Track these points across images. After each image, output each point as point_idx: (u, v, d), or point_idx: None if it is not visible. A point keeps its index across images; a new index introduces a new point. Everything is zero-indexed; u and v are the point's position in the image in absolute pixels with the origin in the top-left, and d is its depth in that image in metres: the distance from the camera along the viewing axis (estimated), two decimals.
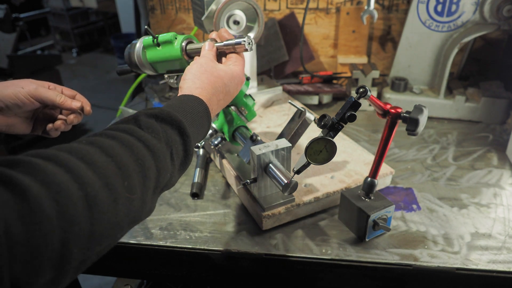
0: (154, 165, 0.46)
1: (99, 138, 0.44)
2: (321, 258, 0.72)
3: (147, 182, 0.45)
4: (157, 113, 0.51)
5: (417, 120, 0.66)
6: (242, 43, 0.67)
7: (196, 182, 0.90)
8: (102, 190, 0.38)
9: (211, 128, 0.89)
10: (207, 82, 0.62)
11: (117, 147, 0.43)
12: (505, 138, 1.08)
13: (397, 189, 0.90)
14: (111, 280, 1.72)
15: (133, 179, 0.43)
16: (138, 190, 0.43)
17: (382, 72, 1.40)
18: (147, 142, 0.46)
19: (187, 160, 0.54)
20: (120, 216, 0.41)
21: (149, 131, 0.48)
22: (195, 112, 0.56)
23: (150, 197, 0.46)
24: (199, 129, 0.57)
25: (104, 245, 0.40)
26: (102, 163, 0.40)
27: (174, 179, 0.52)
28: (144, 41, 0.77)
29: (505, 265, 0.69)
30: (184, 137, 0.52)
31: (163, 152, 0.48)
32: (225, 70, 0.65)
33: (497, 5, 1.07)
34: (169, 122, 0.51)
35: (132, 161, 0.43)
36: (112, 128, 0.47)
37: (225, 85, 0.64)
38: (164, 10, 1.43)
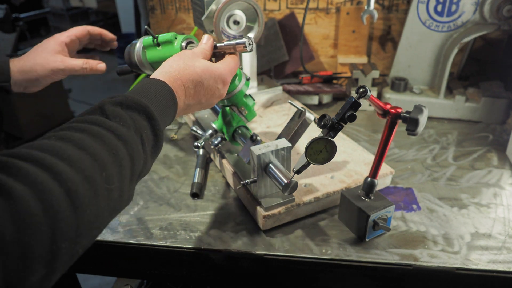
0: (127, 154, 0.46)
1: (68, 132, 0.43)
2: (321, 258, 0.72)
3: (123, 171, 0.45)
4: (122, 100, 0.50)
5: (417, 120, 0.66)
6: (242, 43, 0.67)
7: (196, 182, 0.90)
8: (82, 184, 0.39)
9: (211, 128, 0.89)
10: (175, 67, 0.61)
11: (88, 139, 0.43)
12: (505, 138, 1.08)
13: (397, 189, 0.90)
14: (111, 280, 1.72)
15: (110, 169, 0.43)
16: (115, 180, 0.44)
17: (382, 72, 1.40)
18: (116, 131, 0.46)
19: (158, 144, 0.53)
20: (101, 208, 0.41)
21: (117, 120, 0.48)
22: (160, 95, 0.56)
23: (128, 186, 0.47)
24: (165, 111, 0.56)
25: (90, 238, 0.41)
26: (77, 157, 0.40)
27: (148, 165, 0.52)
28: (144, 41, 0.77)
29: (505, 265, 0.69)
30: (152, 122, 0.52)
31: (134, 140, 0.48)
32: (205, 64, 0.64)
33: (497, 5, 1.07)
34: (135, 108, 0.51)
35: (106, 152, 0.43)
36: (79, 121, 0.47)
37: (200, 78, 0.62)
38: (164, 10, 1.43)
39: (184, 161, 1.02)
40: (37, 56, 0.78)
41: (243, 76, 0.80)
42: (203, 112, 1.13)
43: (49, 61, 0.78)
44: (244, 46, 0.67)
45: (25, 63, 0.78)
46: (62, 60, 0.79)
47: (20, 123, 2.77)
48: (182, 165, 1.00)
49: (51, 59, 0.78)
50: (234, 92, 0.79)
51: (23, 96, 2.74)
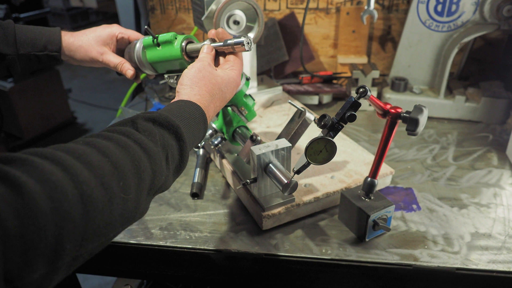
0: (149, 167, 0.47)
1: (96, 139, 0.44)
2: (321, 258, 0.72)
3: (142, 184, 0.45)
4: (155, 117, 0.51)
5: (417, 120, 0.66)
6: (241, 43, 0.67)
7: (196, 182, 0.90)
8: (98, 189, 0.39)
9: (211, 128, 0.89)
10: (204, 89, 0.62)
11: (114, 148, 0.44)
12: (505, 138, 1.08)
13: (397, 189, 0.90)
14: (111, 280, 1.72)
15: (129, 180, 0.43)
16: (132, 191, 0.44)
17: (382, 72, 1.40)
18: (143, 144, 0.47)
19: (182, 164, 0.54)
20: (114, 216, 0.41)
21: (146, 134, 0.49)
22: (192, 118, 0.57)
23: (144, 199, 0.47)
24: (195, 134, 0.58)
25: (97, 244, 0.41)
26: (98, 162, 0.41)
27: (168, 182, 0.52)
28: (144, 41, 0.77)
29: (505, 265, 0.69)
30: (181, 142, 0.53)
31: (159, 156, 0.49)
32: (222, 76, 0.66)
33: (497, 5, 1.07)
34: (166, 127, 0.52)
35: (128, 162, 0.44)
36: (109, 130, 0.48)
37: (222, 91, 0.65)
38: (164, 10, 1.43)
39: None
40: (86, 39, 0.82)
41: (243, 76, 0.80)
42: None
43: (93, 50, 0.81)
44: (242, 45, 0.67)
45: (74, 41, 0.81)
46: (103, 53, 0.82)
47: (20, 123, 2.78)
48: None
49: (96, 48, 0.81)
50: None
51: (23, 96, 2.75)
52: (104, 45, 0.83)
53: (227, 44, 0.68)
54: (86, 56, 0.82)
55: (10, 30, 0.77)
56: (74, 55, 0.82)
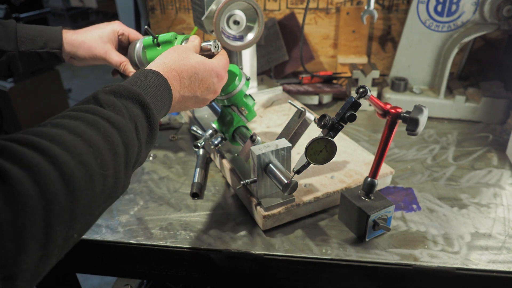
0: (121, 141, 0.46)
1: (63, 120, 0.44)
2: (321, 258, 0.72)
3: (118, 158, 0.45)
4: (115, 89, 0.51)
5: (417, 120, 0.66)
6: (208, 46, 0.71)
7: (196, 182, 0.90)
8: (77, 168, 0.39)
9: (211, 128, 0.89)
10: (170, 59, 0.62)
11: (83, 126, 0.43)
12: (505, 138, 1.08)
13: (397, 189, 0.90)
14: (111, 280, 1.72)
15: (105, 156, 0.43)
16: (110, 166, 0.44)
17: (382, 72, 1.40)
18: (111, 119, 0.46)
19: (153, 133, 0.53)
20: (96, 193, 0.42)
21: (111, 108, 0.48)
22: (154, 84, 0.56)
23: (123, 173, 0.47)
24: (159, 101, 0.56)
25: (84, 223, 0.41)
26: (73, 142, 0.41)
27: (143, 153, 0.52)
28: (144, 41, 0.78)
29: (505, 265, 0.69)
30: (146, 110, 0.52)
31: (128, 128, 0.48)
32: (199, 57, 0.65)
33: (497, 5, 1.07)
34: (128, 97, 0.51)
35: (100, 138, 0.44)
36: (73, 109, 0.47)
37: (195, 69, 0.63)
38: (164, 10, 1.43)
39: (184, 161, 1.02)
40: (89, 35, 0.82)
41: (243, 76, 0.80)
42: (203, 112, 1.13)
43: (96, 47, 0.81)
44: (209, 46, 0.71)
45: (76, 38, 0.81)
46: (107, 51, 0.82)
47: (20, 123, 2.77)
48: (182, 165, 1.00)
49: (99, 45, 0.81)
50: (234, 92, 0.79)
51: (23, 96, 2.75)
52: (107, 42, 0.83)
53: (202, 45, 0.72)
54: (89, 53, 0.82)
55: (11, 27, 0.78)
56: (77, 52, 0.82)
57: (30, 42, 0.79)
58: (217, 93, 0.70)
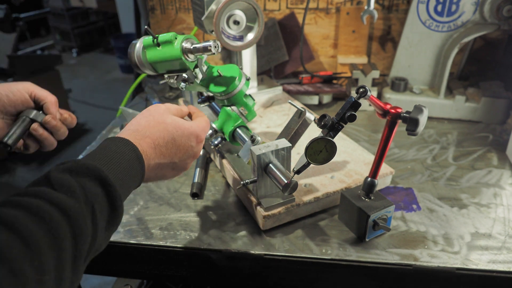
0: (69, 232, 0.40)
1: (2, 209, 0.38)
2: (321, 258, 0.72)
3: (63, 255, 0.39)
4: (71, 166, 0.45)
5: (417, 120, 0.66)
6: (208, 47, 0.69)
7: (196, 182, 0.90)
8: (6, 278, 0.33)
9: (211, 128, 0.89)
10: (144, 125, 0.57)
11: (23, 218, 0.37)
12: (505, 138, 1.08)
13: (397, 189, 0.90)
14: (111, 280, 1.72)
15: (45, 255, 0.37)
16: (51, 268, 0.37)
17: (382, 72, 1.40)
18: (61, 204, 0.40)
19: (115, 213, 0.47)
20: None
21: (64, 190, 0.42)
22: (120, 156, 0.50)
23: (69, 271, 0.40)
24: (127, 173, 0.50)
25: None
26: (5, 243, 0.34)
27: (99, 239, 0.45)
28: (144, 41, 0.77)
29: (505, 265, 0.69)
30: (107, 187, 0.46)
31: (82, 213, 0.42)
32: (176, 120, 0.60)
33: (497, 5, 1.07)
34: (86, 174, 0.45)
35: (42, 233, 0.37)
36: (20, 194, 0.41)
37: (171, 134, 0.58)
38: (164, 10, 1.43)
39: None
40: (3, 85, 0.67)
41: (243, 76, 0.80)
42: (203, 112, 1.13)
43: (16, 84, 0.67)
44: (209, 47, 0.70)
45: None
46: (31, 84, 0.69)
47: None
48: None
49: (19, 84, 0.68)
50: (234, 92, 0.79)
51: None
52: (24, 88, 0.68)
53: (196, 48, 0.71)
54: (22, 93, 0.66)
55: None
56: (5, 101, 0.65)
57: None
58: (196, 156, 0.65)
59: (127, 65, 4.60)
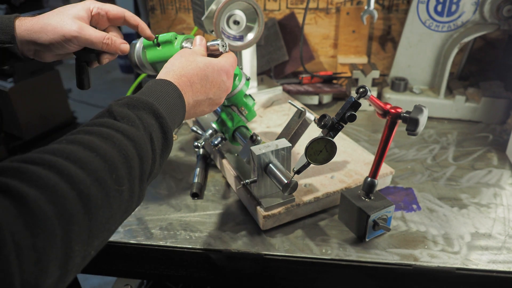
0: (136, 154, 0.46)
1: (78, 135, 0.44)
2: (321, 258, 0.72)
3: (133, 172, 0.45)
4: (128, 101, 0.51)
5: (417, 120, 0.66)
6: (216, 46, 0.71)
7: (196, 182, 0.90)
8: (93, 186, 0.39)
9: (211, 128, 0.89)
10: (178, 65, 0.62)
11: (98, 141, 0.43)
12: (505, 138, 1.08)
13: (397, 189, 0.90)
14: (111, 280, 1.72)
15: (120, 170, 0.43)
16: (125, 181, 0.43)
17: (382, 72, 1.40)
18: (125, 132, 0.46)
19: (167, 142, 0.53)
20: (113, 209, 0.41)
21: (125, 121, 0.48)
22: (166, 94, 0.55)
23: (137, 187, 0.46)
24: (173, 109, 0.56)
25: (102, 239, 0.41)
26: (88, 159, 0.40)
27: (157, 164, 0.51)
28: (144, 41, 0.77)
29: (505, 265, 0.69)
30: (160, 120, 0.51)
31: (143, 139, 0.48)
32: (206, 59, 0.65)
33: (497, 5, 1.07)
34: (142, 107, 0.51)
35: (116, 152, 0.43)
36: (88, 124, 0.47)
37: (204, 71, 0.63)
38: (164, 10, 1.43)
39: (184, 161, 1.02)
40: (52, 16, 0.65)
41: (243, 76, 0.80)
42: None
43: (64, 24, 0.64)
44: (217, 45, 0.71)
45: (37, 21, 0.64)
46: (80, 27, 0.64)
47: (20, 123, 2.77)
48: (182, 165, 1.00)
49: (68, 22, 0.64)
50: (234, 92, 0.79)
51: (23, 96, 2.75)
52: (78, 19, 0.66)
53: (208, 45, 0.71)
54: (57, 34, 0.63)
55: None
56: (40, 39, 0.64)
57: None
58: (228, 90, 0.69)
59: (127, 65, 4.60)
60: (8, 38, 0.64)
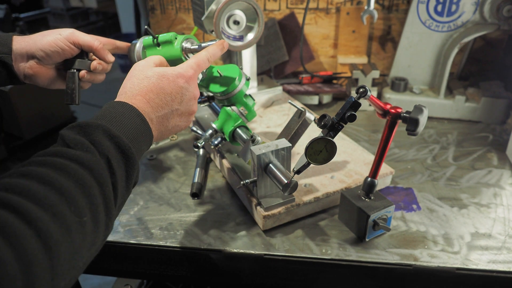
0: (94, 181, 0.44)
1: (30, 167, 0.41)
2: (321, 258, 0.72)
3: (94, 200, 0.43)
4: (78, 126, 0.49)
5: (417, 120, 0.66)
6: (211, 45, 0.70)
7: (196, 182, 0.90)
8: (51, 221, 0.37)
9: (211, 128, 0.89)
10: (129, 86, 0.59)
11: (52, 173, 0.41)
12: (505, 138, 1.08)
13: (397, 189, 0.90)
14: (111, 280, 1.72)
15: (79, 201, 0.41)
16: (87, 211, 0.41)
17: (382, 72, 1.40)
18: (79, 159, 0.44)
19: (130, 162, 0.50)
20: (76, 243, 0.39)
21: (78, 147, 0.46)
22: (120, 115, 0.53)
23: (103, 215, 0.44)
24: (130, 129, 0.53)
25: (69, 278, 0.39)
26: (43, 193, 0.38)
27: (121, 187, 0.49)
28: (144, 41, 0.77)
29: (505, 265, 0.69)
30: (115, 139, 0.49)
31: (100, 164, 0.46)
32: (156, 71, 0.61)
33: (497, 5, 1.07)
34: (93, 131, 0.48)
35: (72, 183, 0.41)
36: (40, 155, 0.45)
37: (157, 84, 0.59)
38: (164, 10, 1.43)
39: (184, 161, 1.02)
40: (46, 32, 0.71)
41: (243, 76, 0.80)
42: (203, 112, 1.13)
43: (59, 30, 0.71)
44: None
45: (31, 36, 0.71)
46: (73, 33, 0.71)
47: (20, 123, 2.77)
48: (182, 165, 1.00)
49: (62, 34, 0.71)
50: (234, 92, 0.79)
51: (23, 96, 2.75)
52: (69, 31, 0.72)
53: (201, 47, 0.70)
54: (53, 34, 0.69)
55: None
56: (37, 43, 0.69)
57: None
58: (196, 96, 0.65)
59: (127, 65, 4.60)
60: (5, 50, 0.68)
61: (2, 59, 0.68)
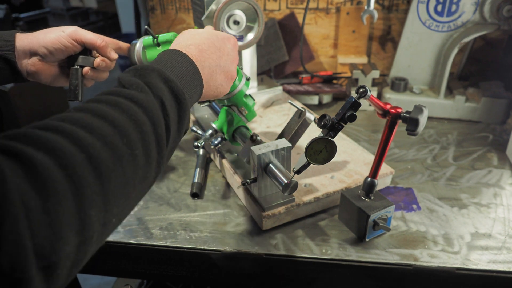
0: (147, 119, 0.45)
1: (87, 104, 0.43)
2: (321, 258, 0.72)
3: (146, 137, 0.44)
4: (133, 68, 0.51)
5: (417, 120, 0.66)
6: None
7: (196, 182, 0.90)
8: (103, 149, 0.38)
9: (211, 128, 0.89)
10: (182, 38, 0.63)
11: (106, 108, 0.42)
12: (505, 138, 1.08)
13: (397, 189, 0.90)
14: (111, 280, 1.72)
15: (131, 135, 0.42)
16: (139, 145, 0.43)
17: (382, 72, 1.40)
18: (134, 98, 0.46)
19: (182, 107, 0.52)
20: (128, 174, 0.40)
21: (134, 87, 0.47)
22: (174, 61, 0.55)
23: (155, 151, 0.46)
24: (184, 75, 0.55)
25: (122, 207, 0.40)
26: (96, 124, 0.40)
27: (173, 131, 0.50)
28: (144, 41, 0.78)
29: (505, 265, 0.69)
30: (169, 83, 0.51)
31: (153, 104, 0.47)
32: (210, 29, 0.67)
33: (497, 5, 1.07)
34: (149, 74, 0.50)
35: (125, 118, 0.43)
36: (97, 95, 0.47)
37: (211, 40, 0.64)
38: (164, 10, 1.43)
39: (184, 161, 1.02)
40: (49, 29, 0.72)
41: (243, 76, 0.80)
42: (203, 112, 1.13)
43: (62, 27, 0.72)
44: None
45: (36, 33, 0.71)
46: (75, 30, 0.72)
47: (20, 123, 2.77)
48: (182, 165, 1.00)
49: (64, 30, 0.72)
50: (234, 92, 0.79)
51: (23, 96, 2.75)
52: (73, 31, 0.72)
53: None
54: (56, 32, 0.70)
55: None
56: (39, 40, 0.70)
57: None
58: (236, 60, 0.69)
59: (127, 65, 4.60)
60: (9, 47, 0.69)
61: (5, 56, 0.69)
